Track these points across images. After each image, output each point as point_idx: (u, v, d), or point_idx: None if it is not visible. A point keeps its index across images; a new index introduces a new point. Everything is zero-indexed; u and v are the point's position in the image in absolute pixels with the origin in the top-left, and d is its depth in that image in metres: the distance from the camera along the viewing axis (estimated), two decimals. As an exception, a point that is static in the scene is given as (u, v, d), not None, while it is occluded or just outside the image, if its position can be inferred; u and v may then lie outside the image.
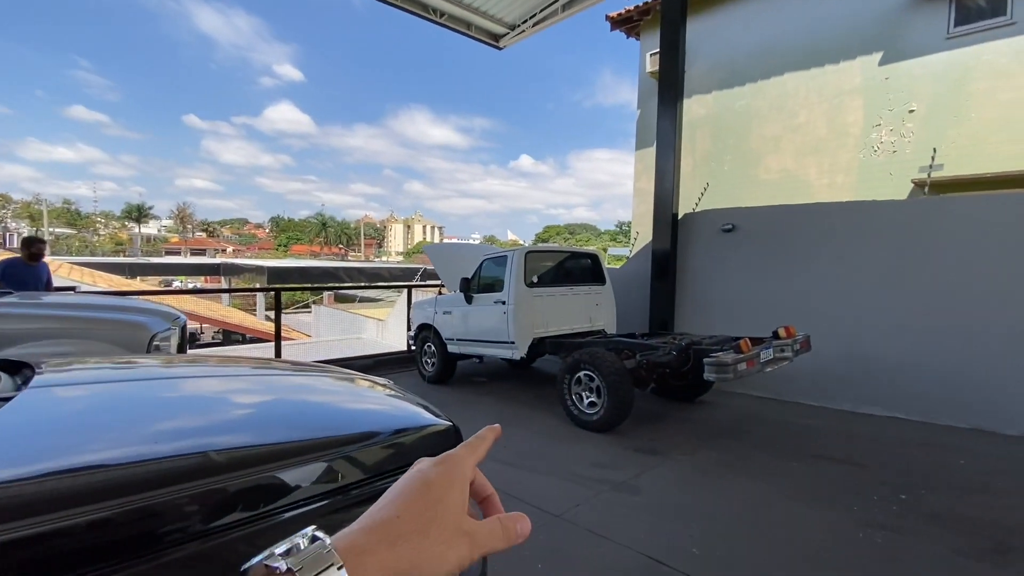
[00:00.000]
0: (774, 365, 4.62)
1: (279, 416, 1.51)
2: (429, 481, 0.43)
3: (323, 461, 1.19)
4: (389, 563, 0.37)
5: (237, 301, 28.66)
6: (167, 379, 1.78)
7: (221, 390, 1.72)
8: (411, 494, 0.42)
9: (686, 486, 3.75)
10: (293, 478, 1.09)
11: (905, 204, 5.45)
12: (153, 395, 1.55)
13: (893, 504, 3.37)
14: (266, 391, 1.78)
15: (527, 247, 6.27)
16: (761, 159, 9.44)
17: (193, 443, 1.13)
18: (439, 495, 0.42)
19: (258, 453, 1.13)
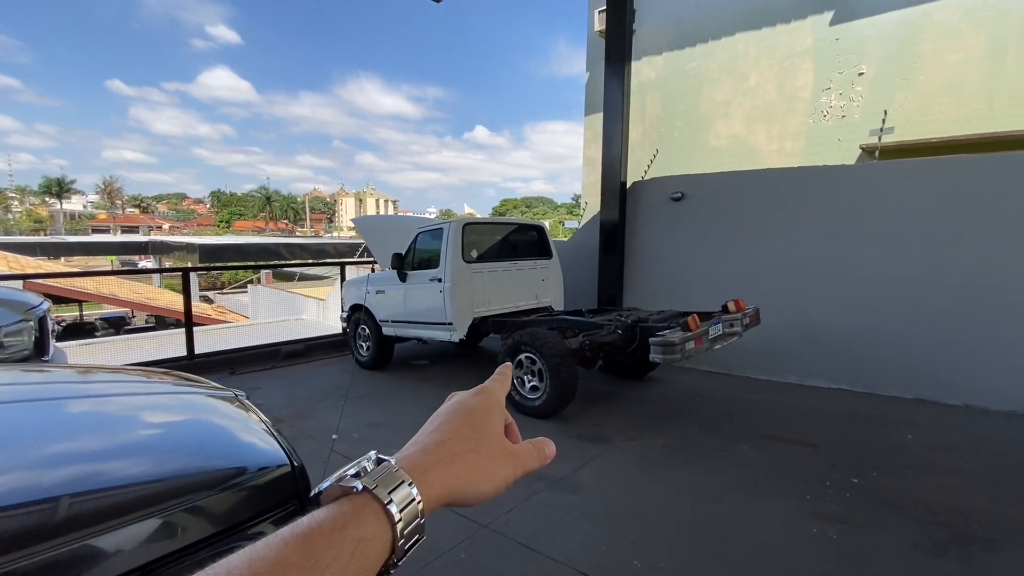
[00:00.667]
0: (723, 342, 4.34)
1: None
2: (471, 408, 0.48)
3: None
4: (449, 479, 0.41)
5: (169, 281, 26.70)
6: None
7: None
8: (456, 420, 0.46)
9: (629, 479, 3.41)
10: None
11: (854, 169, 5.26)
12: None
13: (846, 491, 3.15)
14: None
15: (464, 218, 5.72)
16: (711, 125, 9.17)
17: None
18: (482, 419, 0.47)
19: None
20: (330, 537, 0.34)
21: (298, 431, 4.45)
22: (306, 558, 0.32)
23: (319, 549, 0.33)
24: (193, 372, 5.91)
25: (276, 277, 20.86)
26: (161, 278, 24.29)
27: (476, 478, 0.43)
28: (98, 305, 17.37)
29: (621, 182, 6.65)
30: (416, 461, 0.41)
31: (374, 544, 0.36)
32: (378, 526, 0.36)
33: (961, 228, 4.73)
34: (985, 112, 6.66)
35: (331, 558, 0.33)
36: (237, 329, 12.40)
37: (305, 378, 6.22)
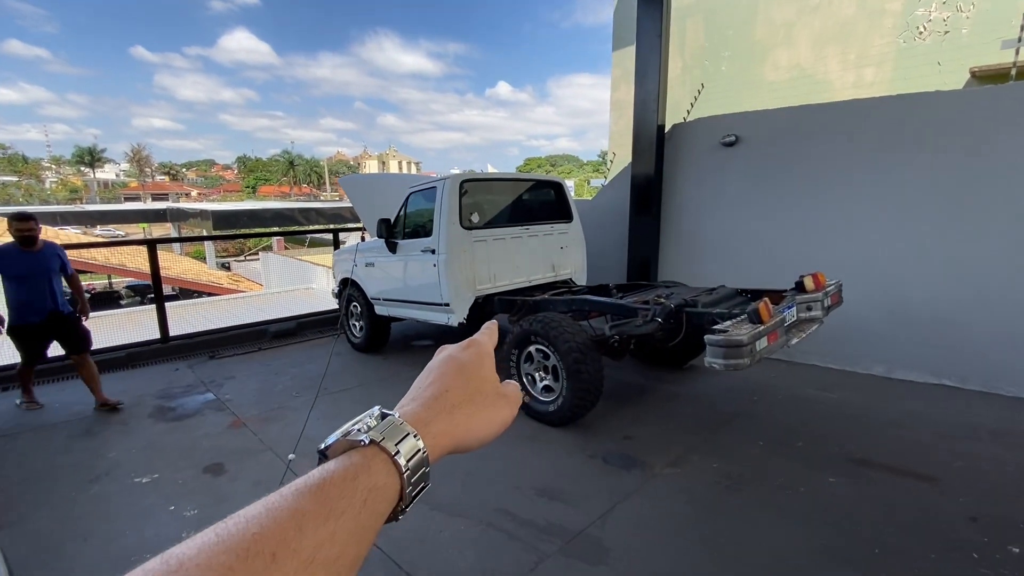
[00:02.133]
0: (800, 333, 3.23)
1: None
2: (462, 362, 0.48)
3: None
4: (450, 429, 0.42)
5: (198, 248, 26.56)
6: None
7: None
8: (450, 374, 0.46)
9: (677, 538, 2.44)
10: None
11: (977, 94, 3.93)
12: None
13: (1008, 570, 2.10)
14: None
15: (462, 174, 4.65)
16: (768, 54, 7.60)
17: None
18: (474, 370, 0.48)
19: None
20: (342, 487, 0.35)
21: (259, 441, 3.64)
22: (321, 506, 0.33)
23: (332, 498, 0.33)
24: (168, 356, 5.15)
25: (289, 243, 20.27)
26: (182, 246, 24.13)
27: (475, 425, 0.45)
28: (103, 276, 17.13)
29: (658, 125, 5.40)
30: (418, 415, 0.42)
31: (384, 492, 0.36)
32: (388, 476, 0.37)
33: None
34: None
35: (345, 505, 0.34)
36: (241, 301, 11.76)
37: (290, 364, 5.41)
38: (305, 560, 0.30)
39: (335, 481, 0.34)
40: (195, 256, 24.35)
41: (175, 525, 2.69)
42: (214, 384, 4.82)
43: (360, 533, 0.34)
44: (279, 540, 0.30)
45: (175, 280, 14.56)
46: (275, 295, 12.10)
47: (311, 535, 0.31)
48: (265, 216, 19.31)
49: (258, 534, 0.30)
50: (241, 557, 0.28)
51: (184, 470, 3.25)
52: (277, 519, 0.31)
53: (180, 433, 3.80)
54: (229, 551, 0.28)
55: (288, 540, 0.30)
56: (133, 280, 16.95)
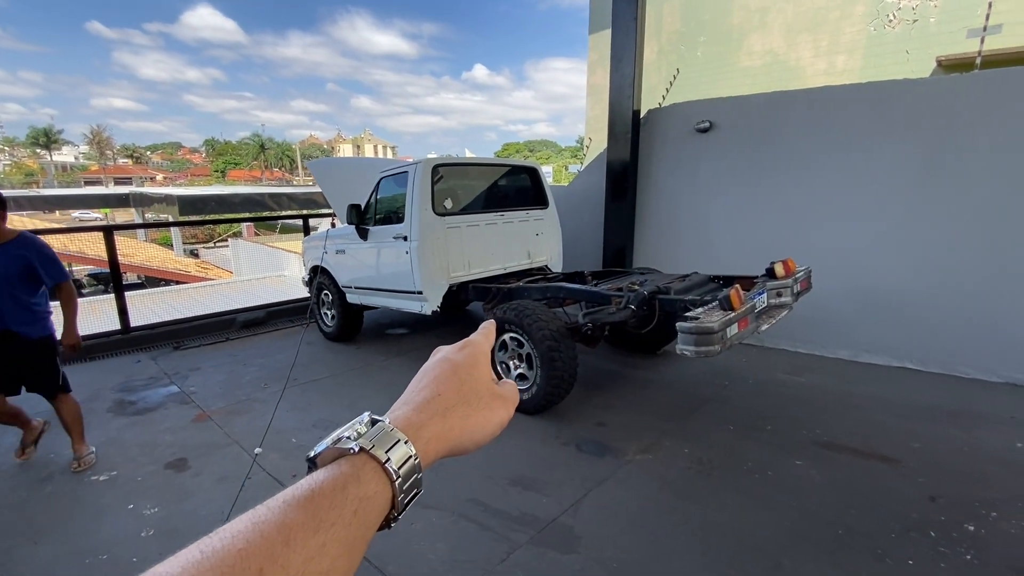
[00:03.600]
0: (770, 319, 3.27)
1: None
2: (457, 364, 0.47)
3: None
4: (443, 433, 0.42)
5: (165, 234, 25.59)
6: None
7: None
8: (444, 376, 0.46)
9: (648, 525, 2.45)
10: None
11: (942, 83, 3.99)
12: None
13: (963, 547, 2.18)
14: None
15: (434, 158, 4.54)
16: (743, 39, 7.62)
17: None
18: (468, 372, 0.47)
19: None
20: (332, 497, 0.34)
21: (224, 435, 3.53)
22: (310, 518, 0.32)
23: (322, 509, 0.33)
24: (130, 347, 4.94)
25: (260, 229, 19.73)
26: (147, 233, 23.21)
27: (470, 428, 0.44)
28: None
29: (634, 111, 5.36)
30: (410, 419, 0.41)
31: (375, 501, 0.36)
32: (378, 484, 0.36)
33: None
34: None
35: (335, 516, 0.33)
36: (209, 289, 11.42)
37: (258, 354, 5.27)
38: (294, 575, 0.29)
39: (324, 491, 0.34)
40: (161, 243, 23.50)
41: (134, 524, 2.59)
42: (178, 376, 4.66)
43: (351, 544, 0.33)
44: (266, 555, 0.29)
45: (139, 268, 14.05)
46: (245, 283, 11.78)
47: (299, 549, 0.30)
48: (234, 201, 18.66)
49: (244, 550, 0.29)
50: (226, 575, 0.27)
51: (145, 466, 3.14)
52: (264, 533, 0.30)
53: (141, 428, 3.66)
54: (213, 569, 0.27)
55: (275, 555, 0.29)
56: (95, 268, 16.30)
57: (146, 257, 15.87)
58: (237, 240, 15.79)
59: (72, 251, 13.61)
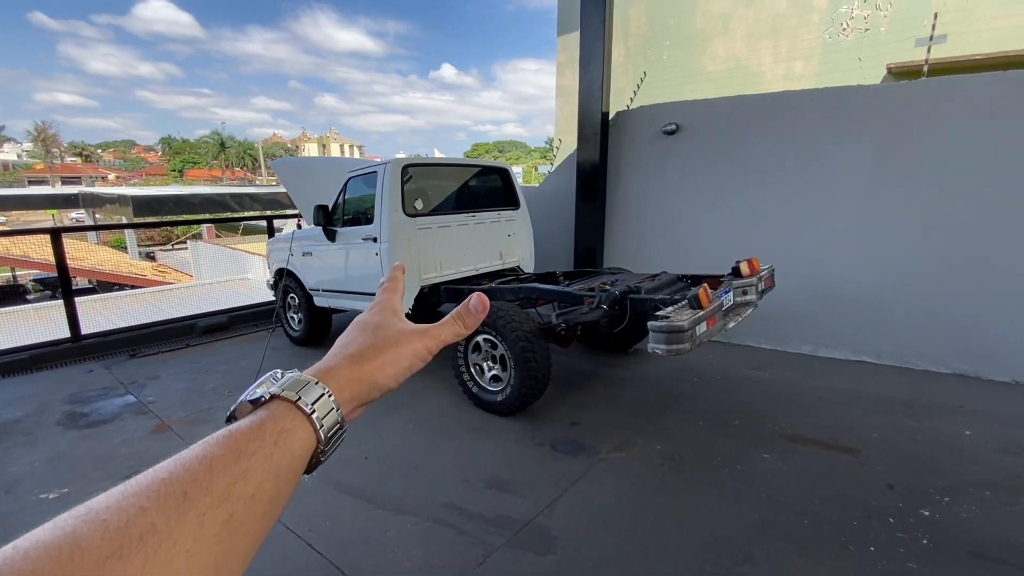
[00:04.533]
0: (737, 316, 3.36)
1: None
2: (362, 319, 0.50)
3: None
4: (356, 373, 0.44)
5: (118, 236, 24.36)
6: None
7: None
8: (351, 331, 0.49)
9: (623, 522, 2.48)
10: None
11: (893, 89, 4.19)
12: None
13: (919, 533, 2.28)
14: None
15: (404, 158, 4.47)
16: (707, 44, 7.82)
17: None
18: (375, 322, 0.50)
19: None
20: (249, 434, 0.35)
21: (185, 445, 3.37)
22: (230, 451, 0.33)
23: (240, 443, 0.34)
24: (81, 356, 4.69)
25: (221, 230, 19.06)
26: (99, 235, 22.09)
27: (382, 364, 0.45)
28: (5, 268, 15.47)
29: (602, 112, 5.42)
30: (318, 367, 0.43)
31: (295, 433, 0.37)
32: (294, 419, 0.38)
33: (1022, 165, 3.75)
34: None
35: (255, 448, 0.34)
36: (168, 293, 10.97)
37: (221, 360, 5.09)
38: (219, 496, 0.31)
39: (242, 430, 0.35)
40: (114, 245, 22.39)
41: (88, 543, 2.45)
42: (135, 385, 4.45)
43: (275, 471, 0.35)
44: (189, 481, 0.30)
45: (90, 272, 13.36)
46: (206, 286, 11.35)
47: (222, 474, 0.32)
48: (193, 202, 18.00)
49: (166, 479, 0.30)
50: (152, 498, 0.29)
51: (99, 482, 2.98)
52: (186, 465, 0.31)
53: (95, 441, 3.47)
54: (138, 494, 0.29)
55: (199, 480, 0.31)
56: (41, 272, 15.40)
57: (98, 260, 15.09)
58: (197, 242, 15.21)
59: (16, 255, 12.82)
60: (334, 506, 2.66)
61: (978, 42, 5.84)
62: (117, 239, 24.12)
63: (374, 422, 3.60)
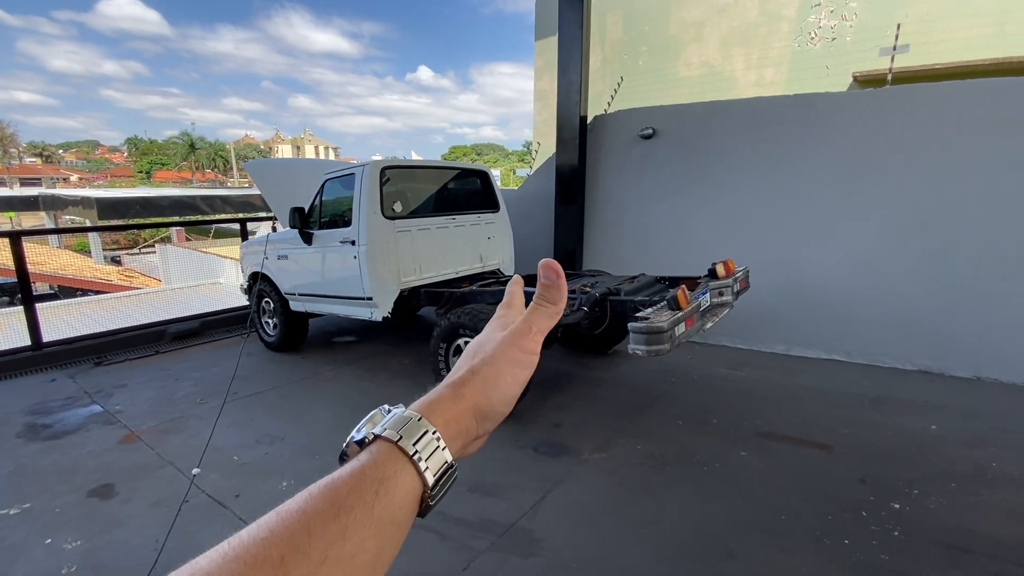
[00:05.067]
0: (713, 317, 3.42)
1: None
2: (473, 341, 0.48)
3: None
4: (458, 405, 0.41)
5: (81, 240, 23.44)
6: None
7: None
8: (462, 359, 0.46)
9: (606, 522, 2.49)
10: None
11: (859, 96, 4.35)
12: None
13: (891, 525, 2.36)
14: None
15: (382, 160, 4.43)
16: (681, 51, 7.99)
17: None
18: (481, 340, 0.47)
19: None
20: (351, 483, 0.34)
21: (157, 455, 3.27)
22: (330, 504, 0.32)
23: (341, 495, 0.33)
24: (43, 365, 4.50)
25: (191, 234, 18.55)
26: (60, 239, 21.23)
27: (481, 387, 0.42)
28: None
29: (580, 116, 5.48)
30: (422, 400, 0.41)
31: (397, 480, 0.35)
32: (396, 463, 0.36)
33: (985, 177, 3.93)
34: (996, 33, 5.85)
35: (355, 500, 0.33)
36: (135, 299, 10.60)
37: (192, 367, 4.94)
38: (316, 560, 0.30)
39: (343, 478, 0.34)
40: (77, 249, 21.54)
41: (53, 560, 2.35)
42: (101, 394, 4.28)
43: (377, 526, 0.33)
44: (287, 543, 0.30)
45: (51, 277, 12.83)
46: (176, 291, 11.01)
47: (320, 534, 0.31)
48: (162, 204, 17.47)
49: (267, 539, 0.30)
50: (249, 564, 0.29)
51: (63, 495, 2.85)
52: (286, 522, 0.31)
53: (58, 453, 3.33)
54: (238, 559, 0.29)
55: (297, 542, 0.30)
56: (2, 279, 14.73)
57: (60, 265, 14.51)
58: (166, 246, 14.77)
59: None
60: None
61: (940, 52, 6.12)
62: (80, 243, 23.24)
63: (352, 429, 3.54)
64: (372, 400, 4.13)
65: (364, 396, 4.12)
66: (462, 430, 0.41)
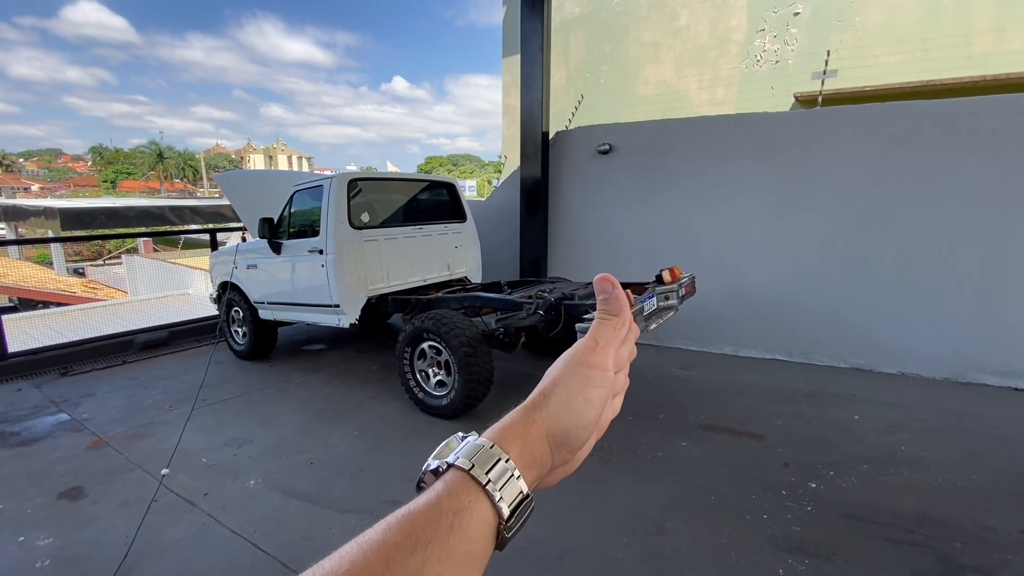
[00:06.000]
0: (659, 319, 3.69)
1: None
2: (559, 360, 0.45)
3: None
4: (530, 431, 0.40)
5: (42, 251, 22.74)
6: None
7: None
8: (544, 379, 0.44)
9: (554, 506, 2.71)
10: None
11: (795, 116, 4.74)
12: None
13: (806, 501, 2.64)
14: None
15: (350, 172, 4.62)
16: (640, 70, 8.42)
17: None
18: (563, 363, 0.44)
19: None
20: (427, 514, 0.34)
21: (126, 460, 3.36)
22: (407, 536, 0.32)
23: (418, 526, 0.33)
24: (7, 375, 4.50)
25: (159, 244, 18.23)
26: (20, 250, 20.58)
27: (554, 412, 0.41)
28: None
29: (543, 132, 5.77)
30: (497, 426, 0.40)
31: (473, 512, 0.35)
32: (470, 493, 0.35)
33: (902, 187, 4.34)
34: (921, 58, 6.41)
35: (431, 533, 0.33)
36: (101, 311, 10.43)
37: (161, 376, 4.99)
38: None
39: (419, 509, 0.34)
40: (38, 261, 20.90)
41: (27, 556, 2.44)
42: (68, 403, 4.32)
43: (454, 559, 0.33)
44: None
45: (12, 290, 12.49)
46: (143, 303, 10.87)
47: (399, 568, 0.31)
48: (128, 215, 17.12)
49: (348, 572, 0.30)
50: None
51: (34, 498, 2.93)
52: (367, 555, 0.31)
53: (26, 459, 3.39)
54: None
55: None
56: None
57: (20, 277, 14.11)
58: (132, 257, 14.52)
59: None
60: (280, 509, 2.76)
61: (870, 75, 6.65)
62: (41, 254, 22.54)
63: (319, 431, 3.69)
64: (339, 404, 4.24)
65: (331, 400, 4.26)
66: (536, 458, 0.39)
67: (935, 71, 6.16)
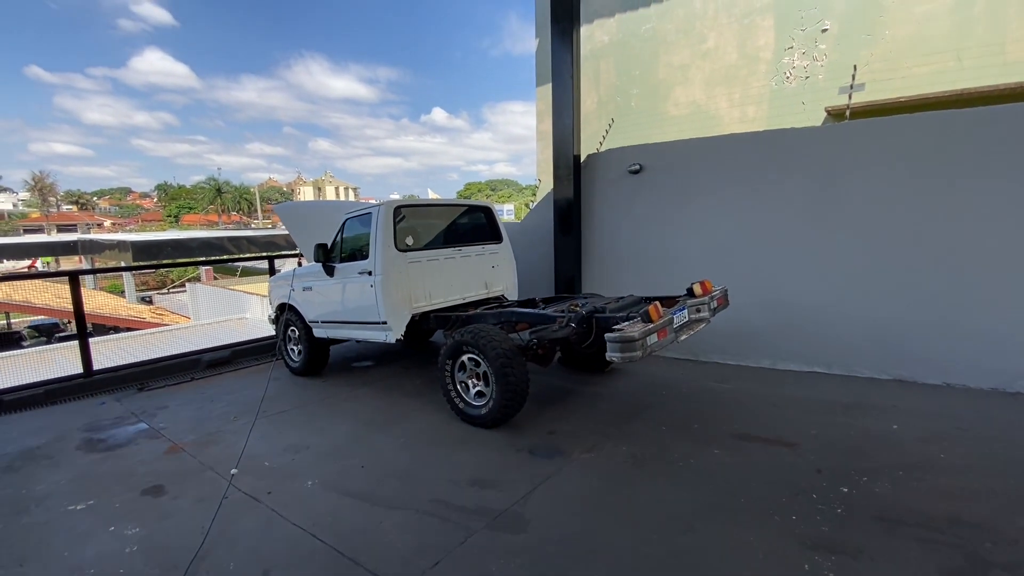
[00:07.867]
0: (690, 330, 3.82)
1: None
2: None
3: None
4: None
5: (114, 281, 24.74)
6: None
7: None
8: None
9: (588, 507, 2.85)
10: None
11: (822, 131, 4.80)
12: None
13: (836, 504, 2.68)
14: None
15: (395, 200, 5.00)
16: (670, 91, 8.61)
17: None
18: None
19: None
20: None
21: (199, 463, 3.72)
22: None
23: None
24: (93, 391, 5.03)
25: (219, 272, 19.49)
26: (95, 279, 22.46)
27: None
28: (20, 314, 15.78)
29: (575, 155, 6.02)
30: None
31: None
32: None
33: (941, 196, 4.32)
34: (954, 68, 6.32)
35: None
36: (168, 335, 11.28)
37: (225, 391, 5.43)
38: None
39: None
40: (111, 290, 22.73)
41: (116, 543, 2.78)
42: (146, 414, 4.78)
43: None
44: None
45: (91, 316, 13.65)
46: (205, 327, 11.67)
47: None
48: (191, 246, 18.50)
49: None
50: None
51: (121, 495, 3.30)
52: None
53: (113, 462, 3.80)
54: None
55: None
56: (37, 318, 15.67)
57: (97, 304, 15.43)
58: (195, 285, 15.62)
59: (17, 300, 13.16)
60: (335, 506, 3.02)
61: (903, 86, 6.59)
62: (113, 284, 24.49)
63: (368, 439, 3.97)
64: (385, 415, 4.54)
65: (378, 412, 4.55)
66: None
67: (969, 80, 6.06)
